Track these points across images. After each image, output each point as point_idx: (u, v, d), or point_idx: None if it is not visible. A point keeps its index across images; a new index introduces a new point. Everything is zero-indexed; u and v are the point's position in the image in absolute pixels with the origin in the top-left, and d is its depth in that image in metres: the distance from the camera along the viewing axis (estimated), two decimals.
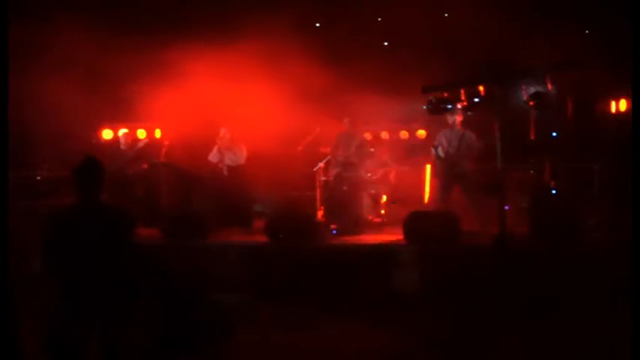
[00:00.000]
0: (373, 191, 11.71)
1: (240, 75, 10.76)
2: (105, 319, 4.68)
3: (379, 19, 13.35)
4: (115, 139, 12.43)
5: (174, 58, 11.49)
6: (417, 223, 9.14)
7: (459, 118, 10.14)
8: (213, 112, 11.13)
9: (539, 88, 9.32)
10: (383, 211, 11.81)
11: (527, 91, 9.37)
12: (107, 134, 13.18)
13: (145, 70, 11.59)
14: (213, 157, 11.44)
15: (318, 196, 12.07)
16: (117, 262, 4.68)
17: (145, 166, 11.46)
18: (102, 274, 4.64)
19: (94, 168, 4.82)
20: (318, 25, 12.72)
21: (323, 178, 12.11)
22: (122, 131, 12.22)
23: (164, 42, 11.21)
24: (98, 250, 4.63)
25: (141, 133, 13.02)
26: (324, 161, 12.00)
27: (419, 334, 7.10)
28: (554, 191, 9.27)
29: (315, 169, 12.11)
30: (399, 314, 7.81)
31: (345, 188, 11.45)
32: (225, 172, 11.36)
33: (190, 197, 11.99)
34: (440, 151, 10.30)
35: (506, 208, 9.01)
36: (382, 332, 7.22)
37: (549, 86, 9.29)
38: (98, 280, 4.63)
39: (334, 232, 10.58)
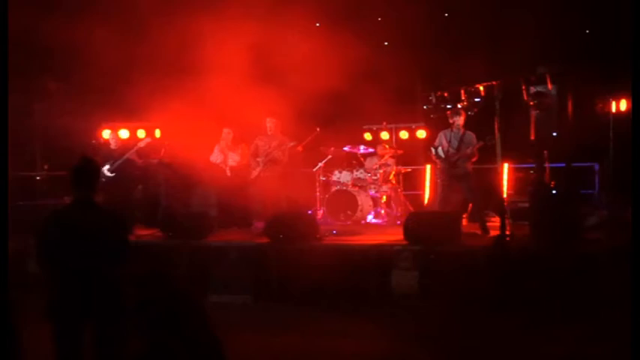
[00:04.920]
0: (373, 191, 11.72)
1: (240, 75, 10.76)
2: (100, 316, 4.75)
3: (379, 19, 13.36)
4: (106, 140, 12.30)
5: (174, 57, 11.50)
6: (417, 223, 9.14)
7: (461, 119, 10.12)
8: (215, 112, 11.13)
9: (540, 88, 9.33)
10: (383, 211, 11.82)
11: (527, 91, 9.37)
12: (107, 134, 13.15)
13: (146, 70, 11.59)
14: (215, 157, 11.43)
15: (318, 196, 12.09)
16: (111, 261, 4.75)
17: (140, 161, 11.39)
18: (96, 273, 4.70)
19: (89, 168, 4.95)
20: (318, 24, 12.72)
21: (323, 178, 12.12)
22: (109, 132, 12.13)
23: (164, 42, 11.21)
24: (92, 249, 4.71)
25: (141, 133, 13.01)
26: (324, 161, 12.01)
27: (419, 334, 7.10)
28: (554, 191, 9.25)
29: (315, 169, 12.13)
30: (399, 314, 7.81)
31: (344, 189, 11.46)
32: (228, 173, 11.37)
33: (190, 197, 11.97)
34: (440, 151, 10.30)
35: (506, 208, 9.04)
36: (382, 332, 7.21)
37: (549, 86, 9.30)
38: (92, 279, 4.70)
39: (334, 232, 10.59)
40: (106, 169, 10.95)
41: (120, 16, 11.34)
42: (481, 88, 9.34)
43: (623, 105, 10.92)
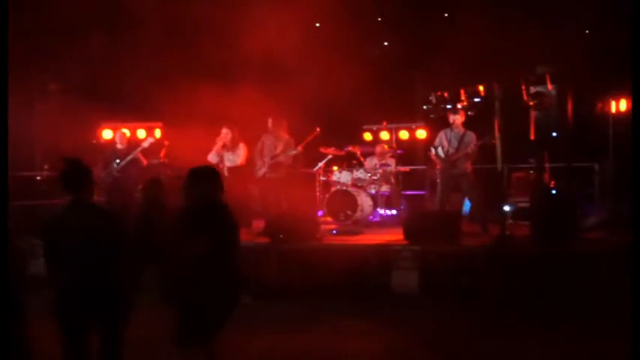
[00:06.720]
0: (373, 191, 11.72)
1: (240, 75, 10.77)
2: (103, 317, 4.76)
3: (379, 19, 13.37)
4: (113, 139, 12.31)
5: (174, 57, 11.51)
6: (417, 223, 9.13)
7: (460, 118, 10.13)
8: (214, 112, 11.13)
9: (540, 88, 9.33)
10: (383, 211, 11.82)
11: (527, 91, 9.38)
12: (107, 134, 13.17)
13: (146, 70, 11.59)
14: (212, 157, 11.42)
15: (318, 196, 12.09)
16: (110, 262, 4.74)
17: (145, 162, 11.40)
18: (96, 274, 4.70)
19: (77, 170, 4.84)
20: (318, 25, 12.74)
21: (323, 178, 12.12)
22: (109, 132, 12.10)
23: (163, 42, 11.22)
24: (89, 250, 4.68)
25: (141, 133, 13.01)
26: (324, 161, 12.01)
27: (419, 334, 7.10)
28: (554, 191, 9.26)
29: (315, 169, 12.13)
30: (398, 314, 7.81)
31: (343, 189, 11.46)
32: (226, 173, 11.35)
33: None
34: (440, 151, 10.30)
35: (507, 208, 9.05)
36: (382, 332, 7.21)
37: (549, 86, 9.30)
38: (93, 280, 4.69)
39: (334, 232, 10.58)
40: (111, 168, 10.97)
41: (120, 16, 11.35)
42: (481, 88, 9.34)
43: (623, 105, 10.92)
